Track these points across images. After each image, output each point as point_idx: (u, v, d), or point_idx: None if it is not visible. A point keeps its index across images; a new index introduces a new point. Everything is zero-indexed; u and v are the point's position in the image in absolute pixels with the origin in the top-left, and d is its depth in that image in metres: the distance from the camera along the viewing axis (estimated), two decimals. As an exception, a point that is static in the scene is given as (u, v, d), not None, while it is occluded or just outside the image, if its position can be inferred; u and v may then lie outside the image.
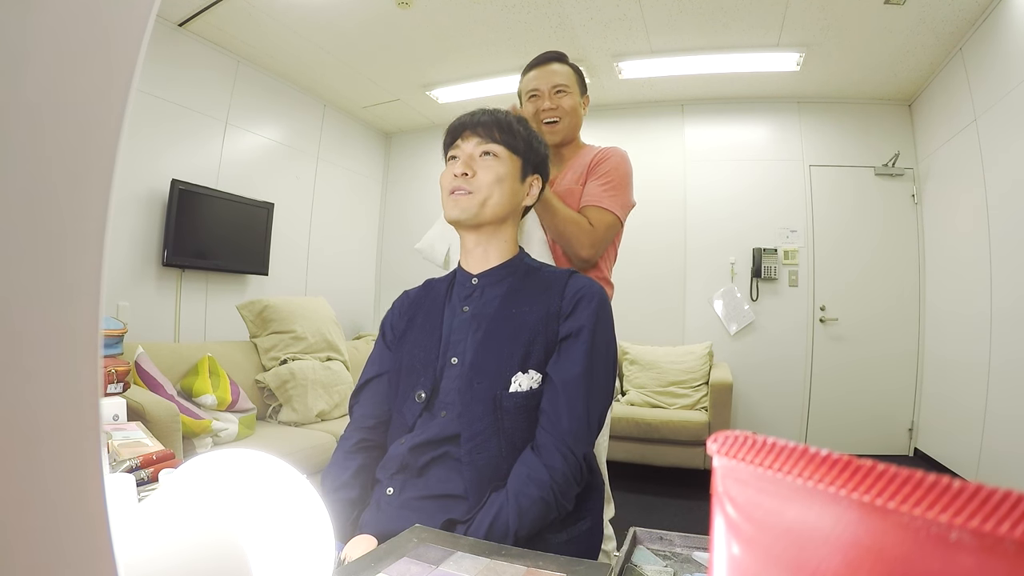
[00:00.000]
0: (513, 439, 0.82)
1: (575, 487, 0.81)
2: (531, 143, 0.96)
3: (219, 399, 2.34)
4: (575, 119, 1.41)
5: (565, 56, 1.44)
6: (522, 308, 0.87)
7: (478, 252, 0.94)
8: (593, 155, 1.37)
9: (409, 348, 0.92)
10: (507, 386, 0.83)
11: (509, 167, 0.92)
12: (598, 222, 1.29)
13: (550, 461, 0.79)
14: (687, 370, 3.36)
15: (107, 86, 0.20)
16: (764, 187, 3.76)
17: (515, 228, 0.97)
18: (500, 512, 0.76)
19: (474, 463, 0.81)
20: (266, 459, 0.38)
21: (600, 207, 1.30)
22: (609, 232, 1.31)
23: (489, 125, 0.93)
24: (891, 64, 3.19)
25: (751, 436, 0.18)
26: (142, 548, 0.32)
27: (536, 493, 0.77)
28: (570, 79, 1.40)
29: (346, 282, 4.30)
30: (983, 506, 0.13)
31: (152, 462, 0.81)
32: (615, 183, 1.33)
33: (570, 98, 1.39)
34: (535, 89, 1.40)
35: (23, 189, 0.19)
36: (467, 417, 0.83)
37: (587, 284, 0.89)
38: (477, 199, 0.90)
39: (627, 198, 1.36)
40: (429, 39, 3.14)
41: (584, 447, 0.81)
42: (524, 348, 0.84)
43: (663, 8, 2.80)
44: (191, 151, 3.06)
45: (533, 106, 1.39)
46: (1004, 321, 2.58)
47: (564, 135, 1.40)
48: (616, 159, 1.36)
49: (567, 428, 0.80)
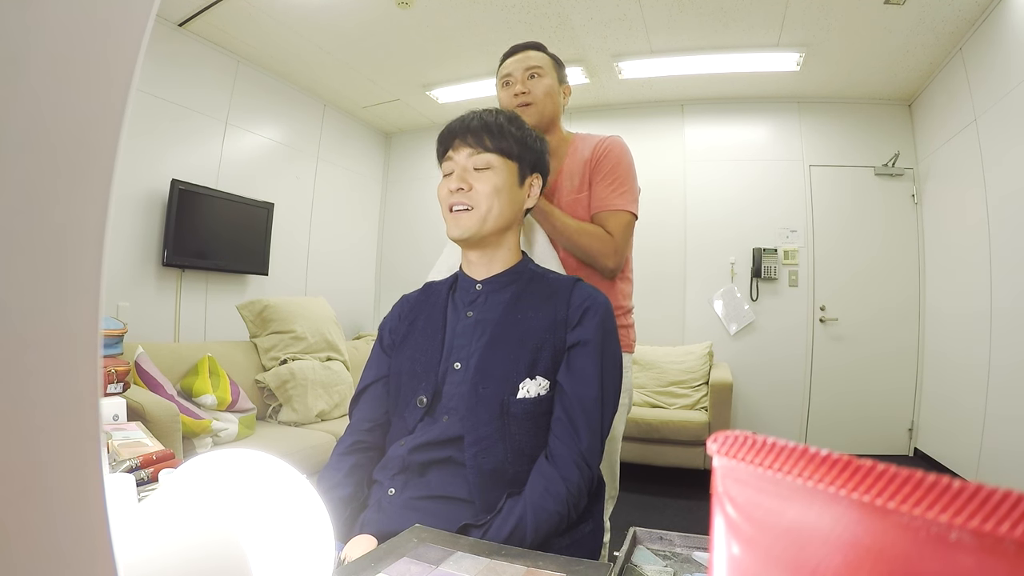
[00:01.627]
0: (519, 445, 0.82)
1: (586, 499, 0.82)
2: (525, 142, 0.94)
3: (219, 399, 2.34)
4: (550, 103, 1.33)
5: (543, 46, 1.39)
6: (527, 314, 0.87)
7: (483, 261, 0.94)
8: (588, 154, 1.31)
9: (410, 352, 0.91)
10: (515, 392, 0.82)
11: (505, 175, 0.91)
12: (615, 227, 1.24)
13: (568, 474, 0.79)
14: (687, 370, 3.36)
15: (107, 86, 0.20)
16: (764, 187, 3.76)
17: (518, 233, 0.96)
18: (519, 524, 0.77)
19: (479, 467, 0.81)
20: (266, 459, 0.38)
21: (614, 210, 1.25)
22: (628, 232, 1.27)
23: (479, 132, 0.91)
24: (891, 64, 3.19)
25: (751, 436, 0.18)
26: (142, 548, 0.32)
27: (553, 507, 0.78)
28: (545, 63, 1.35)
29: (346, 282, 4.30)
30: (983, 506, 0.13)
31: (152, 462, 0.81)
32: (621, 177, 1.27)
33: (544, 81, 1.32)
34: (508, 75, 1.35)
35: (23, 189, 0.19)
36: (472, 421, 0.82)
37: (592, 294, 0.89)
38: (477, 215, 0.89)
39: (635, 190, 1.30)
40: (429, 39, 3.14)
41: (598, 460, 0.82)
42: (532, 354, 0.84)
43: (663, 8, 2.80)
44: (191, 151, 3.06)
45: (507, 92, 1.34)
46: (1004, 321, 2.58)
47: (538, 119, 1.31)
48: (616, 152, 1.30)
49: (586, 443, 0.81)
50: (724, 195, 3.81)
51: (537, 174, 0.98)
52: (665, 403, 3.28)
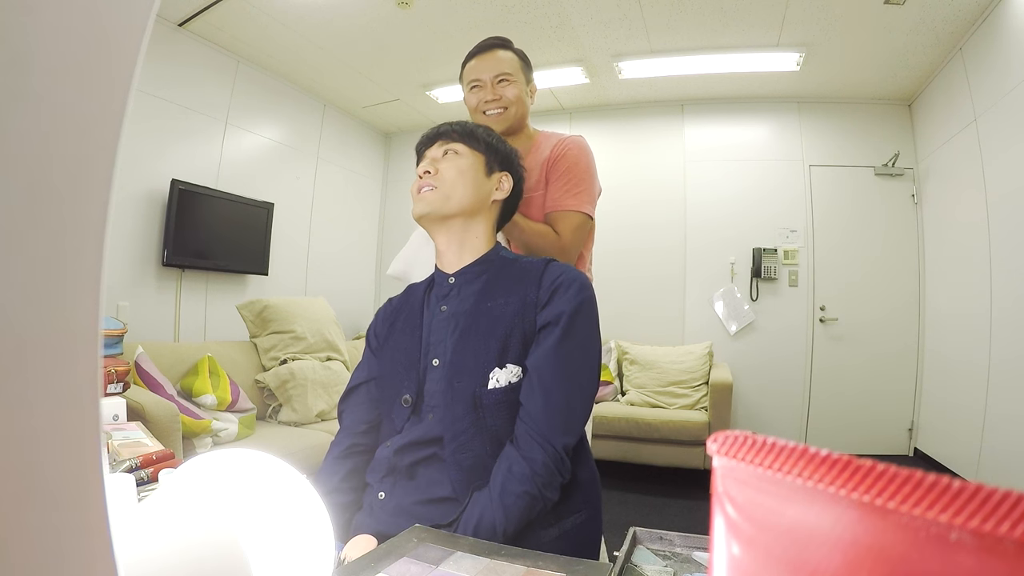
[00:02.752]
0: (498, 436, 0.81)
1: (558, 477, 0.79)
2: (491, 143, 0.98)
3: (219, 399, 2.34)
4: (520, 108, 1.33)
5: (510, 42, 1.36)
6: (497, 301, 0.86)
7: (452, 250, 0.93)
8: (547, 153, 1.30)
9: (391, 353, 0.92)
10: (485, 383, 0.82)
11: (471, 160, 0.94)
12: (565, 228, 1.24)
13: (529, 453, 0.77)
14: (687, 370, 3.36)
15: (107, 86, 0.20)
16: (764, 187, 3.76)
17: (488, 225, 0.96)
18: (485, 513, 0.75)
19: (459, 464, 0.80)
20: (266, 459, 0.38)
21: (565, 210, 1.25)
22: (579, 233, 1.25)
23: (449, 132, 0.97)
24: (891, 64, 3.19)
25: (751, 436, 0.18)
26: (142, 548, 0.32)
27: (519, 488, 0.76)
28: (514, 66, 1.33)
29: (346, 282, 4.30)
30: (983, 506, 0.13)
31: (152, 462, 0.81)
32: (575, 179, 1.26)
33: (514, 87, 1.31)
34: (476, 80, 1.32)
35: (23, 189, 0.19)
36: (449, 418, 0.82)
37: (565, 271, 0.88)
38: (440, 193, 0.91)
39: (591, 191, 1.28)
40: (429, 39, 3.14)
41: (564, 437, 0.79)
42: (500, 342, 0.83)
43: (663, 8, 2.80)
44: (191, 151, 3.06)
45: (475, 97, 1.32)
46: (1004, 321, 2.58)
47: (508, 123, 1.31)
48: (573, 153, 1.28)
49: (544, 419, 0.78)
50: (724, 195, 3.81)
51: (507, 173, 0.99)
52: (665, 403, 3.28)
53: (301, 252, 3.87)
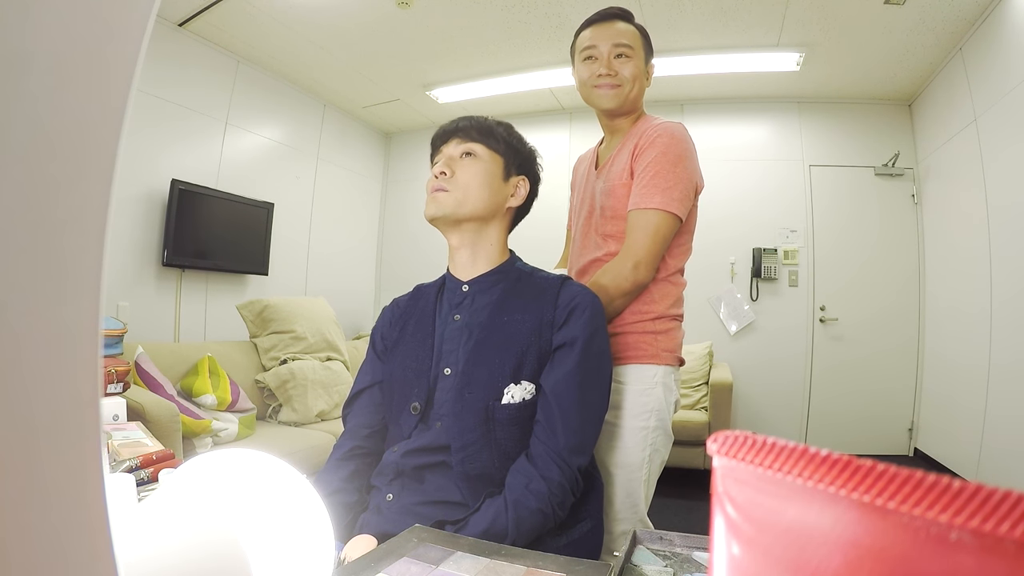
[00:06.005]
0: (506, 449, 0.82)
1: (571, 497, 0.81)
2: (512, 144, 0.95)
3: (219, 399, 2.34)
4: (636, 88, 1.18)
5: (631, 14, 1.20)
6: (514, 316, 0.86)
7: (464, 255, 0.92)
8: (635, 141, 1.14)
9: (401, 359, 0.91)
10: (499, 397, 0.82)
11: (489, 165, 0.92)
12: (635, 231, 1.07)
13: (547, 473, 0.79)
14: (687, 370, 3.35)
15: (107, 86, 0.20)
16: (764, 187, 3.76)
17: (502, 232, 0.95)
18: (497, 519, 0.76)
19: (466, 473, 0.81)
20: (266, 459, 0.38)
21: (637, 209, 1.08)
22: (654, 237, 1.05)
23: (468, 128, 0.93)
24: (891, 64, 3.19)
25: (751, 436, 0.18)
26: (142, 548, 0.32)
27: (534, 504, 0.77)
28: (635, 41, 1.17)
29: (346, 282, 4.30)
30: (983, 506, 0.13)
31: (152, 462, 0.81)
32: (658, 171, 1.08)
33: (631, 65, 1.16)
34: (591, 47, 1.16)
35: (23, 189, 0.19)
36: (457, 428, 0.82)
37: (580, 292, 0.88)
38: (454, 196, 0.89)
39: (679, 186, 1.09)
40: (429, 39, 3.14)
41: (579, 459, 0.81)
42: (517, 358, 0.83)
43: (663, 8, 2.80)
44: (191, 151, 3.06)
45: (588, 69, 1.16)
46: (1004, 321, 2.57)
47: (621, 102, 1.17)
48: (663, 141, 1.10)
49: (563, 442, 0.80)
50: (724, 195, 3.80)
51: (524, 176, 0.97)
52: (665, 403, 3.27)
53: (301, 252, 3.87)
